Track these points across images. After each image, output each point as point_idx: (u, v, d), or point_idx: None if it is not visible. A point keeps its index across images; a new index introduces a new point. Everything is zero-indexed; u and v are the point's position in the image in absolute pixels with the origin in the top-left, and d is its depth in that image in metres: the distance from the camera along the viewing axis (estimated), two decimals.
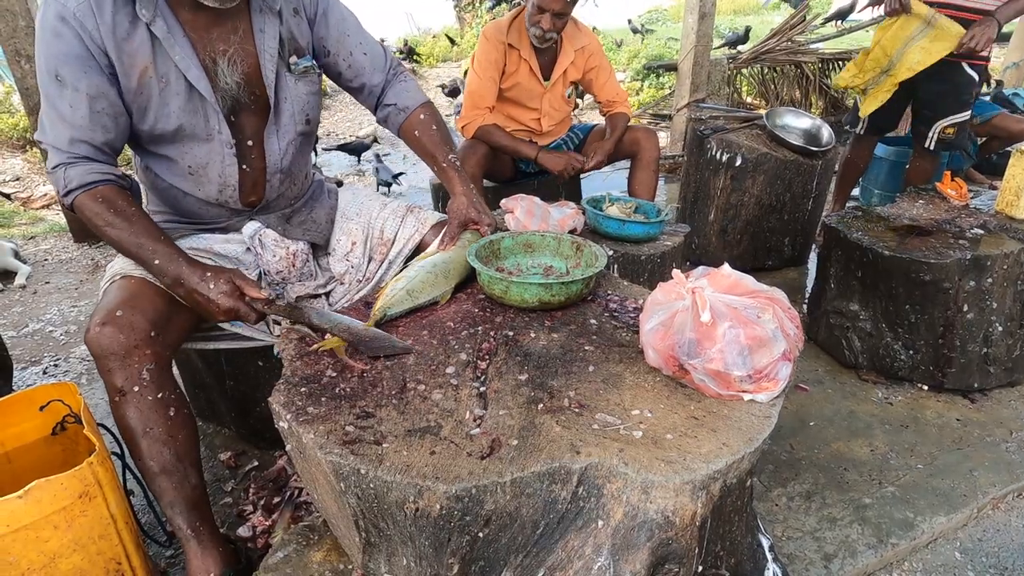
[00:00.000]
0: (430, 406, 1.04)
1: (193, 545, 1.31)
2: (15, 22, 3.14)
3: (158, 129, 1.35)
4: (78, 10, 1.21)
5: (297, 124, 1.51)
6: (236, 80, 1.37)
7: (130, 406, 1.25)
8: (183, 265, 1.25)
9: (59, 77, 1.23)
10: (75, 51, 1.22)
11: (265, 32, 1.39)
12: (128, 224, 1.27)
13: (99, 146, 1.30)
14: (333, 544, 1.20)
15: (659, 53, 8.49)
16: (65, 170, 1.27)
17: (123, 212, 1.27)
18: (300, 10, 1.45)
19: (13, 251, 3.31)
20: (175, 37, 1.29)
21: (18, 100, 4.82)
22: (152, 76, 1.29)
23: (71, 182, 1.27)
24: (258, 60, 1.39)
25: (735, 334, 1.02)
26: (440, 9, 12.21)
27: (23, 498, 1.11)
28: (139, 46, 1.27)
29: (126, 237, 1.26)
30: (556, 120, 2.82)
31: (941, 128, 2.86)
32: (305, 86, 1.50)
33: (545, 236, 1.56)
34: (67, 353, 2.53)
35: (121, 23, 1.24)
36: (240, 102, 1.40)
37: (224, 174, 1.44)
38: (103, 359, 1.23)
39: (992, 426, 2.02)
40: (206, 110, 1.36)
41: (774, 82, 5.75)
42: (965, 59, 2.74)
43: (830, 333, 2.37)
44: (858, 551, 1.57)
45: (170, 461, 1.28)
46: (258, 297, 1.24)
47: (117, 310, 1.26)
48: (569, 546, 0.94)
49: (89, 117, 1.26)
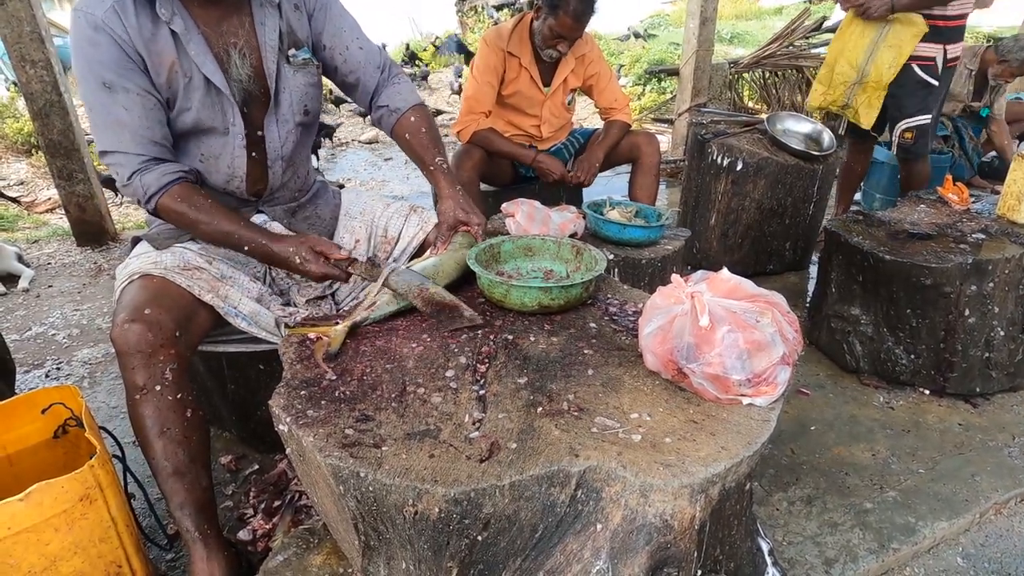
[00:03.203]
0: (429, 409, 1.05)
1: (199, 548, 1.31)
2: (20, 28, 3.15)
3: (179, 123, 1.40)
4: (106, 16, 1.27)
5: (296, 114, 1.54)
6: (247, 72, 1.42)
7: (149, 405, 1.26)
8: (270, 244, 1.36)
9: (107, 83, 1.29)
10: (115, 55, 1.28)
11: (266, 25, 1.43)
12: (211, 218, 1.36)
13: (160, 142, 1.37)
14: (333, 548, 1.20)
15: (661, 58, 8.50)
16: (141, 177, 1.34)
17: (203, 207, 1.37)
18: (300, 5, 1.50)
19: (17, 255, 3.32)
20: (191, 33, 1.34)
21: (23, 105, 4.85)
22: (178, 71, 1.35)
23: (149, 188, 1.34)
24: (260, 52, 1.43)
25: (734, 338, 1.02)
26: (443, 14, 12.23)
27: (24, 501, 1.11)
28: (164, 44, 1.32)
29: (214, 229, 1.37)
30: (556, 127, 2.83)
31: (900, 131, 2.84)
32: (304, 77, 1.53)
33: (545, 240, 1.57)
34: (69, 356, 2.54)
35: (145, 24, 1.30)
36: (251, 93, 1.45)
37: (233, 165, 1.48)
38: (128, 356, 1.24)
39: (994, 431, 2.01)
40: (223, 103, 1.41)
41: (775, 86, 5.76)
42: (915, 61, 2.70)
43: (831, 337, 2.37)
44: (859, 556, 1.56)
45: (184, 462, 1.29)
46: (340, 258, 1.34)
47: (145, 307, 1.28)
48: (568, 550, 0.94)
49: (145, 115, 1.32)
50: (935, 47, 2.68)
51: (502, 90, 2.65)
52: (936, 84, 2.74)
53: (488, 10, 10.60)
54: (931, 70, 2.72)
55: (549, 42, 2.49)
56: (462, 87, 6.80)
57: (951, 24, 2.66)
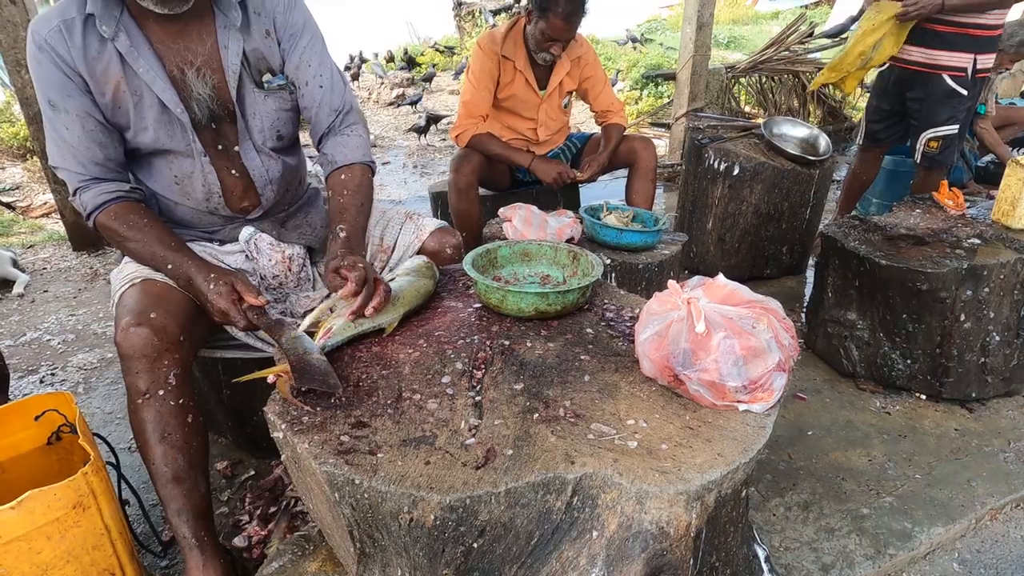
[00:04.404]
0: (425, 416, 1.04)
1: (196, 555, 1.30)
2: (16, 33, 3.15)
3: (137, 142, 1.40)
4: (49, 36, 1.27)
5: (269, 139, 1.52)
6: (207, 92, 1.40)
7: (151, 409, 1.25)
8: (191, 267, 1.32)
9: (51, 103, 1.32)
10: (55, 76, 1.30)
11: (229, 48, 1.40)
12: (141, 236, 1.35)
13: (102, 163, 1.37)
14: (328, 554, 1.19)
15: (658, 62, 8.53)
16: (80, 195, 1.37)
17: (136, 225, 1.36)
18: (272, 32, 1.46)
19: (12, 260, 3.31)
20: (139, 51, 1.32)
21: (19, 110, 4.84)
22: (125, 91, 1.34)
23: (87, 206, 1.37)
24: (224, 74, 1.41)
25: (730, 345, 1.02)
26: (440, 19, 12.25)
27: (16, 509, 1.11)
28: (109, 63, 1.31)
29: (141, 248, 1.36)
30: (553, 130, 2.84)
31: (925, 141, 2.82)
32: (275, 102, 1.49)
33: (542, 245, 1.56)
34: (64, 362, 2.53)
35: (91, 43, 1.29)
36: (216, 113, 1.43)
37: (207, 182, 1.47)
38: (132, 360, 1.23)
39: (990, 436, 2.02)
40: (179, 122, 1.39)
41: (772, 91, 5.78)
42: (945, 71, 2.68)
43: (828, 342, 2.37)
44: (856, 562, 1.56)
45: (183, 468, 1.28)
46: (253, 303, 1.28)
47: (150, 311, 1.27)
48: (563, 557, 0.94)
49: (84, 136, 1.33)
50: (966, 56, 2.64)
51: (498, 93, 2.65)
52: (965, 94, 2.71)
53: (485, 14, 10.63)
54: (962, 80, 2.69)
55: (542, 45, 2.50)
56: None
57: (985, 34, 2.62)
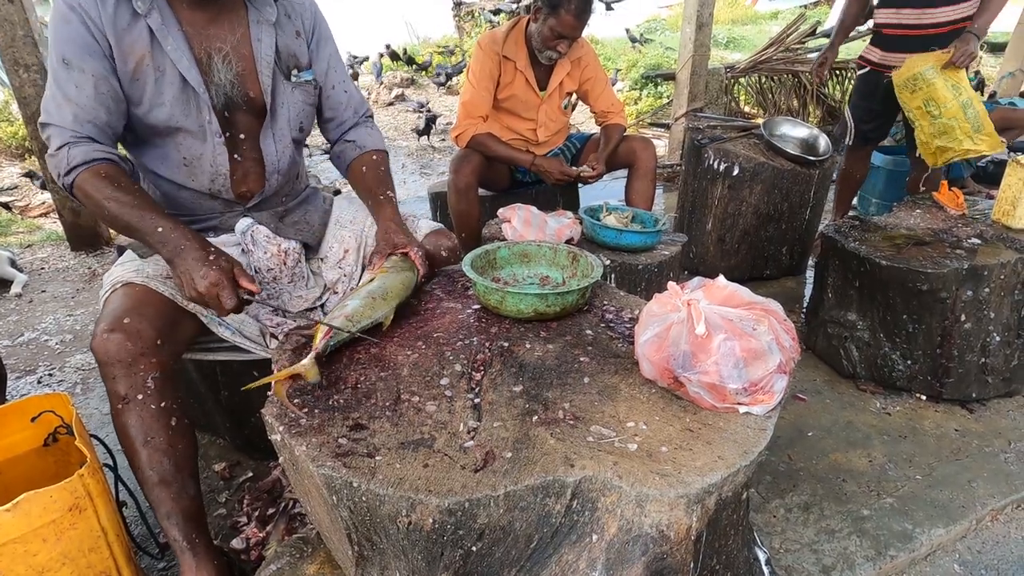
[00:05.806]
0: (424, 418, 1.04)
1: (188, 557, 1.30)
2: (14, 31, 3.14)
3: (151, 117, 1.40)
4: (85, 0, 1.30)
5: (292, 130, 1.58)
6: (230, 79, 1.44)
7: (132, 414, 1.24)
8: (183, 237, 1.26)
9: (66, 60, 1.31)
10: (81, 36, 1.31)
11: (262, 42, 1.47)
12: (131, 197, 1.29)
13: (102, 126, 1.36)
14: (327, 557, 1.19)
15: (657, 62, 8.52)
16: (69, 149, 1.31)
17: (127, 187, 1.31)
18: (301, 32, 1.56)
19: (10, 260, 3.30)
20: (169, 30, 1.36)
21: (17, 109, 4.83)
22: (149, 64, 1.36)
23: (74, 159, 1.30)
24: (255, 65, 1.47)
25: (730, 346, 1.02)
26: (439, 18, 12.23)
27: (11, 511, 1.10)
28: (137, 37, 1.34)
29: (128, 210, 1.28)
30: (552, 131, 2.83)
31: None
32: (301, 95, 1.58)
33: (541, 246, 1.56)
34: (62, 363, 2.52)
35: (122, 15, 1.33)
36: (233, 99, 1.46)
37: (216, 163, 1.49)
38: (108, 366, 1.23)
39: (990, 436, 2.01)
40: (198, 101, 1.42)
41: (771, 91, 5.77)
42: None
43: (828, 343, 2.37)
44: (856, 563, 1.55)
45: (169, 471, 1.27)
46: (249, 288, 1.27)
47: (125, 317, 1.26)
48: (563, 561, 0.93)
49: (94, 97, 1.32)
50: None
51: (498, 94, 2.65)
52: None
53: (485, 15, 10.61)
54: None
55: (549, 43, 2.49)
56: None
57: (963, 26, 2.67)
